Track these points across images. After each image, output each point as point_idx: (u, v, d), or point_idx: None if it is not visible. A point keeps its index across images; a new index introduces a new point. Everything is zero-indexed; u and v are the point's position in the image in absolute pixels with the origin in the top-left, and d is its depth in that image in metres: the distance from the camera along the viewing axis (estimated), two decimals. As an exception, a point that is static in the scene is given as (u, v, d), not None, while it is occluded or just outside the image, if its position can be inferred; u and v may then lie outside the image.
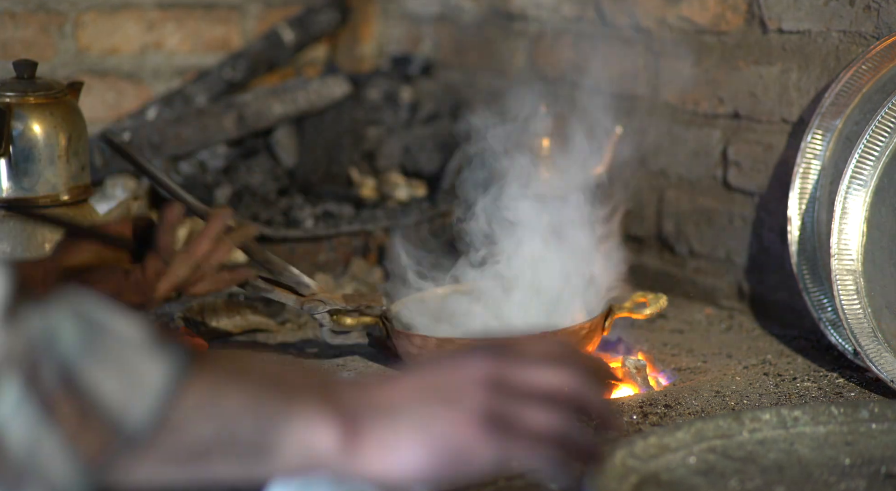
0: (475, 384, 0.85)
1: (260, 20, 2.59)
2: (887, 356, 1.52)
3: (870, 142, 1.52)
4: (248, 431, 0.81)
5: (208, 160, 2.38)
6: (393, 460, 0.83)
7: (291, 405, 0.83)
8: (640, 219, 2.12)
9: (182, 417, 0.79)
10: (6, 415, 0.75)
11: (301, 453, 0.82)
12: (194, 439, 0.80)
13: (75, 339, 0.78)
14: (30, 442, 0.76)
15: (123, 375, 0.78)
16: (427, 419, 0.84)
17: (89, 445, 0.77)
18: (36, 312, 0.77)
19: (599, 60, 2.17)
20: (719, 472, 1.17)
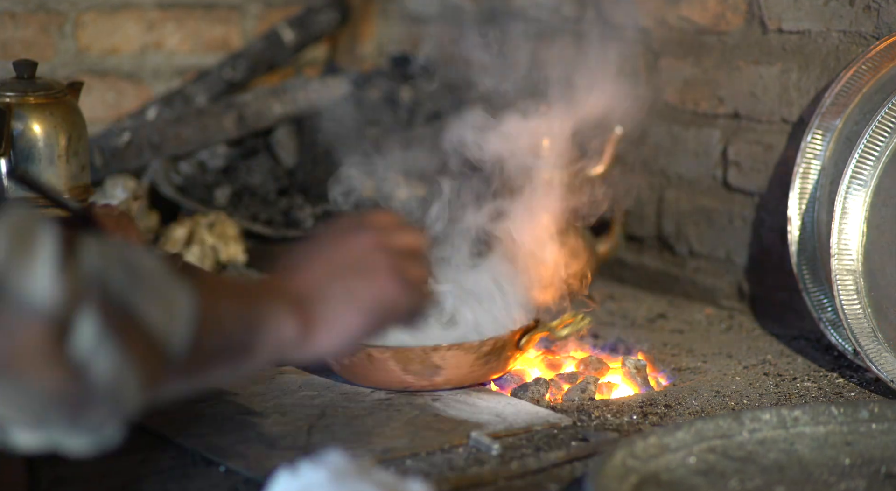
0: (372, 251, 1.05)
1: (260, 20, 2.59)
2: (887, 356, 1.52)
3: (870, 142, 1.52)
4: (239, 336, 0.95)
5: (208, 160, 2.38)
6: (338, 333, 1.01)
7: (262, 309, 0.97)
8: (640, 219, 2.12)
9: (202, 334, 0.91)
10: (90, 348, 0.82)
11: (273, 347, 0.98)
12: (208, 352, 0.93)
13: (123, 275, 0.86)
14: (114, 371, 0.83)
15: (163, 304, 0.88)
16: (353, 290, 1.02)
17: (152, 369, 0.87)
18: (85, 256, 0.84)
19: (599, 60, 2.17)
20: (719, 472, 1.18)
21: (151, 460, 1.29)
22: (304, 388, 1.52)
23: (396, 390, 1.51)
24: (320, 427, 1.38)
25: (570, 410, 1.46)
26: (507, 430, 1.37)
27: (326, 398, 1.48)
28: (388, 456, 1.29)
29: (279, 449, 1.31)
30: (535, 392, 1.53)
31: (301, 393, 1.50)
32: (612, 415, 1.45)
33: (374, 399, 1.48)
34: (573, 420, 1.42)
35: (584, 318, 1.62)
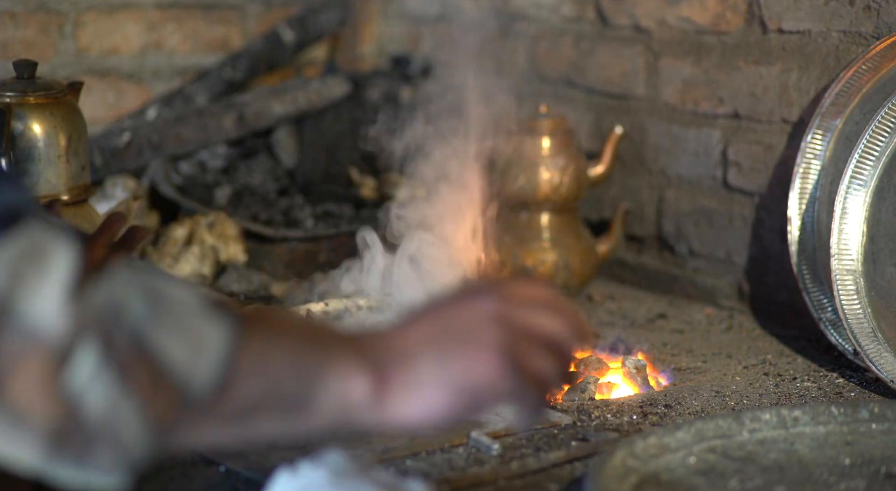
0: (487, 321, 0.88)
1: (260, 20, 2.59)
2: (887, 356, 1.52)
3: (870, 142, 1.52)
4: (291, 387, 0.84)
5: (208, 160, 2.38)
6: (418, 405, 0.86)
7: (327, 360, 0.86)
8: (640, 219, 2.12)
9: (237, 377, 0.82)
10: (85, 382, 0.77)
11: (336, 406, 0.85)
12: (246, 399, 0.83)
13: (142, 306, 0.80)
14: (108, 407, 0.78)
15: (188, 339, 0.80)
16: (447, 360, 0.87)
17: (160, 409, 0.79)
18: (103, 283, 0.79)
19: (599, 60, 2.17)
20: (719, 472, 1.18)
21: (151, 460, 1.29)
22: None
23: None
24: (320, 427, 1.38)
25: (570, 410, 1.46)
26: (507, 429, 1.37)
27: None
28: (388, 456, 1.29)
29: (279, 449, 1.30)
30: (535, 392, 1.53)
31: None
32: (612, 415, 1.45)
33: (374, 399, 1.48)
34: (573, 420, 1.42)
35: None
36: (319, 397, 0.85)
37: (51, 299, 0.77)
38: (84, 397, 0.77)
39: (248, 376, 0.83)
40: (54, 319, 0.77)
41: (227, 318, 0.83)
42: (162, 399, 0.80)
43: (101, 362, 0.78)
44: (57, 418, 0.77)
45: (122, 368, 0.78)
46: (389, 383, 0.87)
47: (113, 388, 0.78)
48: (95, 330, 0.78)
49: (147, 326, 0.80)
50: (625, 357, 1.64)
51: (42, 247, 0.79)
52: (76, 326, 0.77)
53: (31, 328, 0.77)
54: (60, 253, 0.79)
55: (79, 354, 0.77)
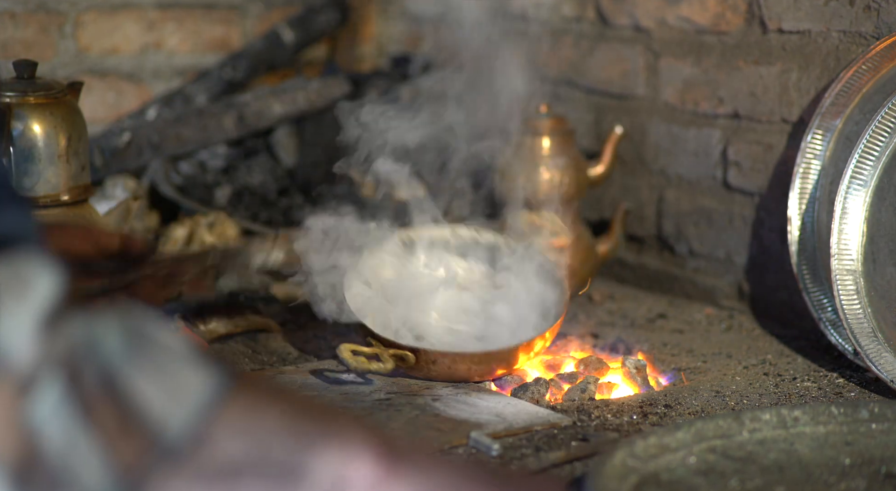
0: None
1: (260, 20, 2.59)
2: (887, 356, 1.52)
3: (870, 142, 1.52)
4: (282, 452, 0.79)
5: (208, 160, 2.38)
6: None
7: (329, 430, 0.80)
8: (640, 219, 2.12)
9: (219, 432, 0.77)
10: (45, 416, 0.73)
11: (332, 485, 0.79)
12: (228, 457, 0.78)
13: (119, 345, 0.76)
14: (66, 445, 0.74)
15: (166, 384, 0.76)
16: None
17: (126, 453, 0.75)
18: (83, 318, 0.76)
19: (599, 60, 2.17)
20: (719, 472, 1.18)
21: (151, 460, 1.29)
22: (304, 388, 1.52)
23: (397, 391, 1.51)
24: (320, 427, 1.38)
25: (570, 410, 1.46)
26: (507, 430, 1.37)
27: (326, 398, 1.48)
28: (388, 456, 1.29)
29: None
30: (535, 392, 1.53)
31: (301, 393, 1.50)
32: (612, 415, 1.45)
33: (374, 399, 1.48)
34: (573, 420, 1.42)
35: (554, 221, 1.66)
36: (315, 469, 0.79)
37: (22, 327, 0.74)
38: (43, 431, 0.73)
39: (231, 433, 0.77)
40: (22, 347, 0.74)
41: (217, 370, 0.78)
42: (129, 444, 0.75)
43: (63, 396, 0.74)
44: (19, 451, 0.74)
45: (86, 405, 0.74)
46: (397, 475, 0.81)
47: (73, 424, 0.74)
48: (63, 362, 0.74)
49: (121, 364, 0.75)
50: (625, 357, 1.64)
51: (25, 275, 0.76)
52: (43, 355, 0.74)
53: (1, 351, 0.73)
54: (42, 282, 0.76)
55: (42, 385, 0.74)
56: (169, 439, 0.76)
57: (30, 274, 0.76)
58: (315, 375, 1.57)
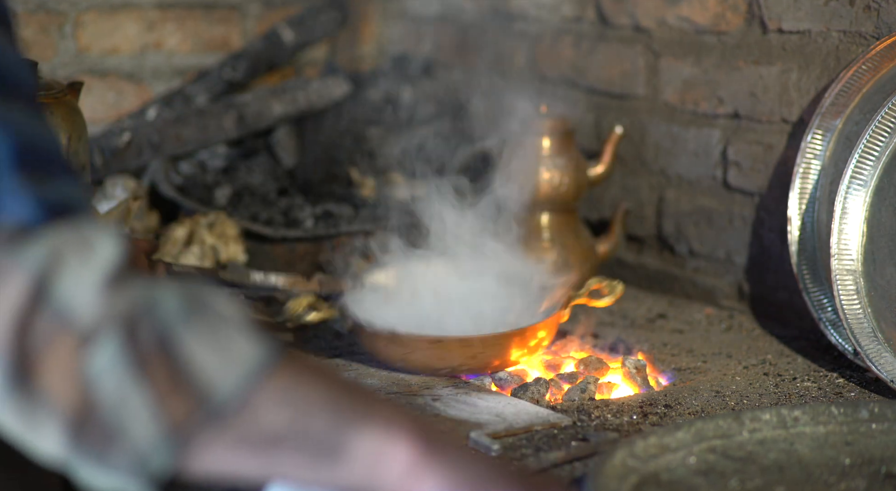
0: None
1: (260, 20, 2.59)
2: (887, 356, 1.52)
3: (870, 142, 1.52)
4: (322, 427, 0.81)
5: (208, 160, 2.38)
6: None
7: (370, 412, 0.82)
8: (640, 219, 2.12)
9: (264, 401, 0.80)
10: (101, 369, 0.77)
11: (368, 465, 0.81)
12: (270, 426, 0.80)
13: (177, 307, 0.79)
14: (119, 398, 0.77)
15: (218, 349, 0.79)
16: None
17: (174, 411, 0.78)
18: (143, 281, 0.80)
19: (599, 60, 2.17)
20: (719, 472, 1.18)
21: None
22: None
23: (397, 391, 1.51)
24: (320, 427, 1.38)
25: (570, 410, 1.46)
26: (507, 430, 1.37)
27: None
28: (388, 456, 1.29)
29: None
30: (535, 392, 1.53)
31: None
32: (612, 415, 1.45)
33: (374, 399, 1.48)
34: (573, 420, 1.42)
35: (614, 283, 1.66)
36: (353, 448, 0.82)
37: (87, 285, 0.78)
38: (99, 384, 0.77)
39: (275, 403, 0.80)
40: (86, 304, 0.78)
41: (268, 342, 0.81)
42: (178, 402, 0.78)
43: (119, 351, 0.78)
44: (75, 403, 0.78)
45: (140, 361, 0.78)
46: (431, 463, 0.83)
47: (127, 378, 0.78)
48: (122, 319, 0.78)
49: (177, 325, 0.79)
50: (625, 357, 1.64)
51: (89, 237, 0.80)
52: (105, 312, 0.78)
53: (64, 310, 0.78)
54: (105, 245, 0.80)
55: (101, 340, 0.78)
56: (216, 402, 0.79)
57: (93, 237, 0.80)
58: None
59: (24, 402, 0.78)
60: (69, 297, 0.78)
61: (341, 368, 1.62)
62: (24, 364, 0.78)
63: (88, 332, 0.78)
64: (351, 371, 1.59)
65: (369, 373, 1.59)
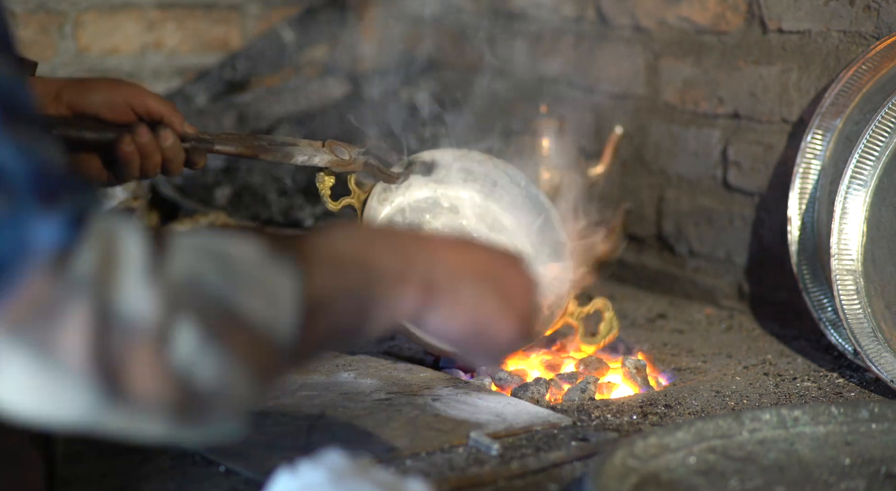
0: (525, 293, 1.02)
1: (260, 20, 2.59)
2: (887, 356, 1.52)
3: (870, 142, 1.52)
4: (354, 314, 0.94)
5: (208, 160, 2.38)
6: (443, 325, 0.99)
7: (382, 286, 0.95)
8: (640, 219, 2.12)
9: (310, 319, 0.89)
10: (187, 357, 0.82)
11: (388, 319, 0.97)
12: (321, 333, 0.92)
13: (216, 274, 0.85)
14: (218, 374, 0.84)
15: (263, 296, 0.86)
16: (482, 302, 1.00)
17: (258, 362, 0.86)
18: (175, 259, 0.84)
19: (599, 60, 2.17)
20: (719, 472, 1.18)
21: (151, 460, 1.29)
22: (303, 388, 1.52)
23: (397, 391, 1.51)
24: (320, 427, 1.38)
25: (570, 410, 1.46)
26: (507, 430, 1.37)
27: (326, 398, 1.48)
28: (388, 456, 1.29)
29: (279, 449, 1.31)
30: (535, 392, 1.53)
31: (301, 393, 1.50)
32: (612, 415, 1.45)
33: (374, 399, 1.48)
34: (573, 420, 1.42)
35: (613, 324, 1.65)
36: (376, 315, 0.95)
37: (139, 288, 0.81)
38: (194, 370, 0.83)
39: (319, 316, 0.90)
40: (146, 305, 0.81)
41: (289, 263, 0.89)
42: (259, 354, 0.86)
43: (201, 335, 0.83)
44: (174, 394, 0.83)
45: (222, 336, 0.84)
46: (432, 301, 0.98)
47: (220, 356, 0.84)
48: (186, 306, 0.82)
49: (226, 290, 0.85)
50: (625, 357, 1.64)
51: (118, 240, 0.82)
52: (167, 305, 0.82)
53: (132, 320, 0.81)
54: (133, 241, 0.83)
55: (178, 331, 0.82)
56: (282, 340, 0.87)
57: (121, 238, 0.82)
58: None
59: (125, 413, 0.83)
60: (130, 305, 0.81)
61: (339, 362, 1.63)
62: (114, 381, 0.81)
63: (161, 329, 0.82)
64: (350, 371, 1.60)
65: (368, 373, 1.59)
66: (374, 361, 1.66)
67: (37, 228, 0.80)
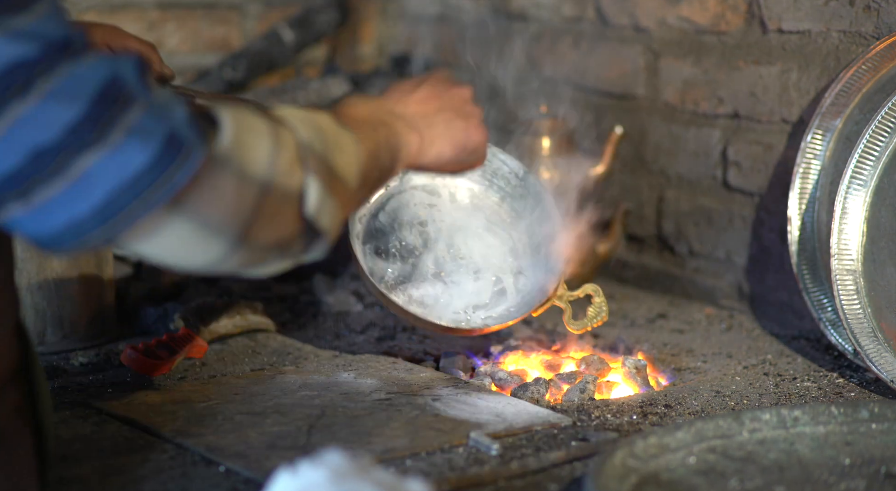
0: (468, 103, 1.33)
1: (260, 20, 2.59)
2: (887, 356, 1.52)
3: (870, 142, 1.52)
4: (387, 161, 1.19)
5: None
6: (436, 154, 1.27)
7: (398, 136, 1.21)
8: (640, 219, 2.12)
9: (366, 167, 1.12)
10: (317, 207, 1.03)
11: (401, 161, 1.22)
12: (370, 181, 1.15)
13: (318, 139, 1.05)
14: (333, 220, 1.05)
15: (344, 154, 1.07)
16: (451, 125, 1.29)
17: (347, 207, 1.09)
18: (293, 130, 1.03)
19: (599, 60, 2.17)
20: (719, 472, 1.18)
21: (151, 460, 1.29)
22: (303, 388, 1.52)
23: (397, 391, 1.51)
24: (320, 427, 1.38)
25: (570, 410, 1.46)
26: (507, 430, 1.37)
27: (326, 398, 1.48)
28: (388, 456, 1.29)
29: (279, 449, 1.31)
30: (535, 392, 1.53)
31: (301, 393, 1.50)
32: (612, 415, 1.45)
33: (374, 399, 1.48)
34: (573, 420, 1.42)
35: (600, 310, 1.64)
36: (398, 160, 1.21)
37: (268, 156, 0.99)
38: (318, 219, 1.03)
39: (371, 167, 1.13)
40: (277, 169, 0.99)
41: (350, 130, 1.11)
42: (347, 200, 1.08)
43: (321, 190, 1.02)
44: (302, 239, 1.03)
45: (332, 190, 1.04)
46: (424, 142, 1.25)
47: (331, 205, 1.04)
48: (309, 167, 1.02)
49: (326, 151, 1.05)
50: (625, 357, 1.64)
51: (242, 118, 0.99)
52: (293, 168, 1.00)
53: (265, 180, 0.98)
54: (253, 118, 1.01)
55: (307, 188, 1.02)
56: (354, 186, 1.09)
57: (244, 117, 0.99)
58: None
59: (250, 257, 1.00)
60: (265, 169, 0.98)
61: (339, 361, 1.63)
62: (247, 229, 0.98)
63: (291, 185, 1.00)
64: (351, 371, 1.60)
65: (368, 373, 1.59)
66: (374, 360, 1.66)
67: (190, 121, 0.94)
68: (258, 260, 1.02)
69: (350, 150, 1.09)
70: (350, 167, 1.08)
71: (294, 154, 1.01)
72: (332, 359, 1.67)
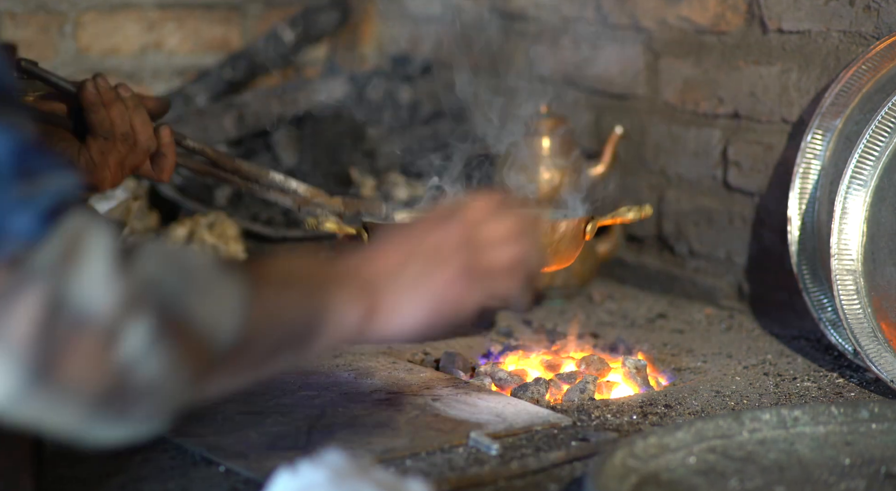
0: (454, 246, 1.05)
1: (260, 20, 2.59)
2: (887, 356, 1.52)
3: (870, 142, 1.52)
4: (300, 326, 0.97)
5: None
6: (399, 323, 1.03)
7: (328, 297, 0.99)
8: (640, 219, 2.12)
9: (253, 327, 0.93)
10: (137, 353, 0.84)
11: (336, 333, 1.00)
12: (262, 343, 0.94)
13: (176, 279, 0.88)
14: (160, 373, 0.85)
15: (212, 300, 0.90)
16: (422, 281, 1.03)
17: (198, 366, 0.89)
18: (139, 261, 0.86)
19: (599, 60, 2.17)
20: (719, 472, 1.18)
21: (151, 460, 1.29)
22: (304, 388, 1.52)
23: (397, 391, 1.51)
24: (320, 427, 1.38)
25: (570, 410, 1.46)
26: (506, 430, 1.37)
27: (326, 398, 1.48)
28: (388, 456, 1.29)
29: (279, 449, 1.31)
30: (535, 392, 1.53)
31: (301, 393, 1.50)
32: (612, 415, 1.45)
33: (374, 399, 1.48)
34: (573, 420, 1.42)
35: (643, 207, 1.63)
36: (323, 329, 0.99)
37: (97, 281, 0.83)
38: (138, 366, 0.84)
39: (264, 324, 0.94)
40: (104, 299, 0.83)
41: (240, 276, 0.93)
42: (198, 357, 0.88)
43: (154, 335, 0.85)
44: (108, 387, 0.84)
45: (172, 337, 0.86)
46: (378, 308, 1.01)
47: (165, 356, 0.85)
48: (145, 306, 0.85)
49: (183, 294, 0.87)
50: (625, 357, 1.64)
51: (81, 232, 0.83)
52: (125, 302, 0.83)
53: (83, 310, 0.82)
54: (99, 236, 0.84)
55: (131, 326, 0.84)
56: (221, 343, 0.90)
57: (83, 230, 0.84)
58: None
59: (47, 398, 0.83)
60: (87, 297, 0.82)
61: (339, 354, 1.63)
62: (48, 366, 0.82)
63: (114, 323, 0.83)
64: (351, 371, 1.60)
65: (368, 373, 1.59)
66: (374, 360, 1.66)
67: (12, 218, 0.81)
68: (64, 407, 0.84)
69: (225, 300, 0.90)
70: (217, 317, 0.89)
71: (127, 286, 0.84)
72: (332, 359, 1.67)
